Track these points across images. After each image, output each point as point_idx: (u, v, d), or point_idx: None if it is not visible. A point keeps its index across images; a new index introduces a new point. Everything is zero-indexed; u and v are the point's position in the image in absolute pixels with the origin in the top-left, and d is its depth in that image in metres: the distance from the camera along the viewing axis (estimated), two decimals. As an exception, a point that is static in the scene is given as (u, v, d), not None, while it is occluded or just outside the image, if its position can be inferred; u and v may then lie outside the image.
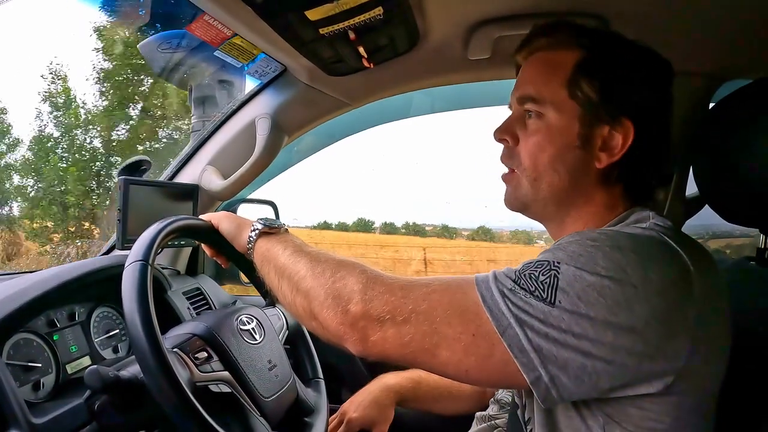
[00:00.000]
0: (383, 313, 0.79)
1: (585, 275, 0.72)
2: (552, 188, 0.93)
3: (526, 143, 0.95)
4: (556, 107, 0.92)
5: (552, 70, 0.93)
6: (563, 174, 0.92)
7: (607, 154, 0.90)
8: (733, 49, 1.28)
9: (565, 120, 0.91)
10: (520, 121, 0.96)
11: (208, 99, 1.95)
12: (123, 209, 1.40)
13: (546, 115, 0.92)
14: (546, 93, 0.93)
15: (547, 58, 0.96)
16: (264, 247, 1.03)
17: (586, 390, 0.73)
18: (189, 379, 0.98)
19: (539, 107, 0.93)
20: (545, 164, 0.92)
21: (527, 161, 0.94)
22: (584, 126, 0.90)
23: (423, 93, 1.71)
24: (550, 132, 0.92)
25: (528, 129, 0.95)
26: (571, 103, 0.91)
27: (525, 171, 0.95)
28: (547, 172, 0.93)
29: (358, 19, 1.09)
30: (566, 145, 0.91)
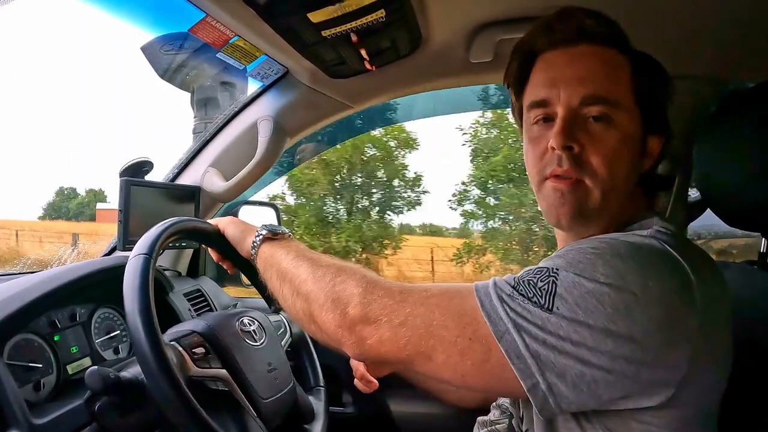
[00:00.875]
0: (380, 315, 0.80)
1: (584, 282, 0.71)
2: (620, 198, 0.87)
3: (599, 150, 0.85)
4: (627, 111, 0.86)
5: (618, 71, 0.87)
6: (632, 182, 0.89)
7: (650, 159, 0.90)
8: (734, 53, 1.29)
9: (635, 126, 0.86)
10: (579, 122, 0.85)
11: (210, 101, 1.95)
12: (124, 210, 1.40)
13: (616, 119, 0.85)
14: (617, 95, 0.85)
15: (603, 54, 0.87)
16: (267, 253, 1.04)
17: (585, 400, 0.72)
18: (182, 368, 0.98)
19: (611, 110, 0.84)
20: (623, 174, 0.86)
21: (604, 170, 0.84)
22: (643, 133, 0.88)
23: (425, 95, 1.71)
24: (624, 138, 0.85)
25: (594, 133, 0.85)
26: (635, 109, 0.87)
27: (602, 182, 0.84)
28: (622, 183, 0.86)
29: (361, 22, 1.10)
30: (636, 153, 0.88)
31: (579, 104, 0.85)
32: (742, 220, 1.09)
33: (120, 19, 1.47)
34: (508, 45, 1.24)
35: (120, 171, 1.45)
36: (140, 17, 1.49)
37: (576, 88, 0.85)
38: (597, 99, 0.84)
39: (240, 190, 1.66)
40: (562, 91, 0.86)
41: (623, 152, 0.85)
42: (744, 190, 1.02)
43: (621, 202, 0.88)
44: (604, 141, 0.84)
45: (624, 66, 0.87)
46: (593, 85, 0.85)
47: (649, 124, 0.88)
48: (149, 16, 1.50)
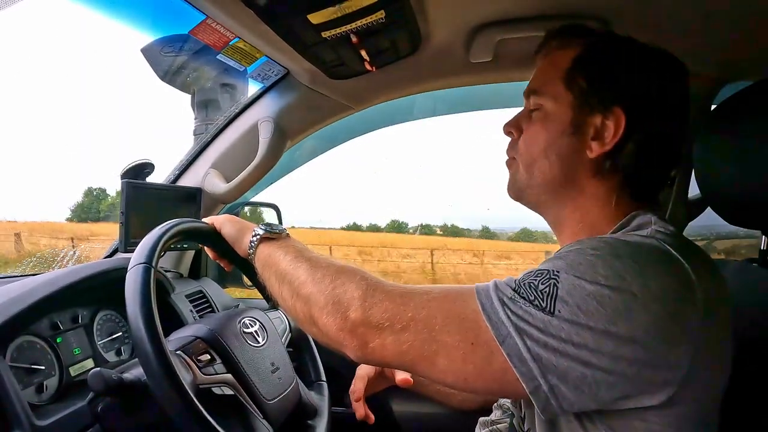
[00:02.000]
0: (382, 320, 0.79)
1: (584, 284, 0.71)
2: (544, 175, 0.95)
3: (525, 133, 0.98)
4: (553, 98, 0.94)
5: (553, 66, 0.96)
6: (554, 161, 0.93)
7: (598, 143, 0.90)
8: (734, 52, 1.29)
9: (560, 108, 0.94)
10: (527, 116, 0.99)
11: (210, 102, 1.96)
12: (125, 212, 1.41)
13: (545, 106, 0.95)
14: (546, 86, 0.96)
15: (552, 57, 0.98)
16: (265, 253, 1.03)
17: (586, 400, 0.72)
18: (192, 381, 0.98)
19: (540, 99, 0.96)
20: (539, 151, 0.95)
21: (523, 148, 0.98)
22: (576, 114, 0.92)
23: (425, 96, 1.71)
24: (545, 120, 0.95)
25: (530, 121, 0.98)
26: (567, 94, 0.93)
27: (521, 158, 0.98)
28: (539, 159, 0.95)
29: (361, 23, 1.10)
30: (559, 132, 0.93)
31: (526, 100, 1.01)
32: (743, 218, 1.09)
33: (120, 23, 1.47)
34: (508, 45, 1.25)
35: (121, 173, 1.45)
36: (140, 20, 1.50)
37: (527, 88, 1.01)
38: (530, 91, 0.99)
39: (241, 191, 1.66)
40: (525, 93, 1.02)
41: (540, 131, 0.96)
42: (744, 188, 1.02)
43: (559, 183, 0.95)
44: (531, 125, 0.98)
45: (563, 59, 0.95)
46: (533, 82, 1.00)
47: (585, 105, 0.91)
48: (149, 19, 1.50)
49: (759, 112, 1.02)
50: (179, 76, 1.67)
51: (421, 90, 1.65)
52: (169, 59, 1.56)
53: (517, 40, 1.21)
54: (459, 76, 1.56)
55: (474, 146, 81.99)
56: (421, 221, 22.66)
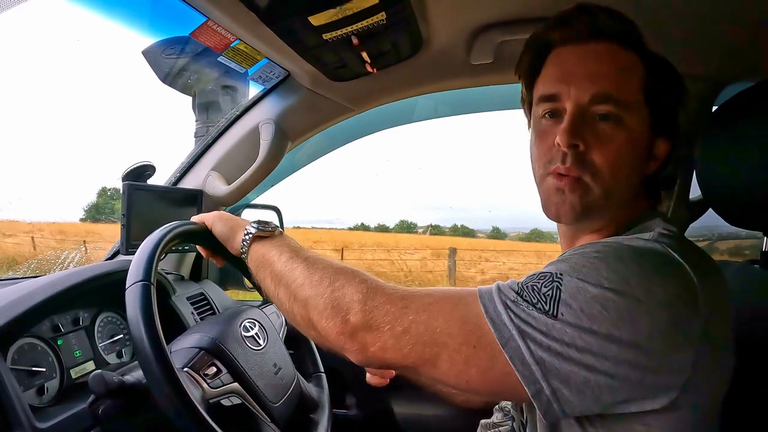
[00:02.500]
0: (383, 323, 0.79)
1: (588, 287, 0.71)
2: (620, 201, 0.88)
3: (604, 150, 0.85)
4: (637, 113, 0.86)
5: (631, 72, 0.87)
6: (634, 182, 0.89)
7: (655, 162, 0.90)
8: (735, 53, 1.29)
9: (642, 128, 0.87)
10: (587, 121, 0.86)
11: (211, 104, 1.95)
12: (127, 214, 1.41)
13: (625, 120, 0.85)
14: (628, 95, 0.85)
15: (617, 54, 0.87)
16: (259, 252, 1.01)
17: (589, 404, 0.72)
18: (202, 397, 0.99)
19: (621, 111, 0.84)
20: (625, 174, 0.86)
21: (606, 170, 0.85)
22: (650, 135, 0.88)
23: (426, 98, 1.71)
24: (630, 140, 0.85)
25: (601, 133, 0.85)
26: (645, 110, 0.87)
27: (602, 180, 0.85)
28: (623, 182, 0.87)
29: (362, 25, 1.10)
30: (641, 155, 0.88)
31: (588, 102, 0.85)
32: (744, 220, 1.09)
33: (121, 25, 1.48)
34: (509, 46, 1.25)
35: (122, 175, 1.45)
36: (141, 22, 1.50)
37: (587, 85, 0.85)
38: (606, 98, 0.84)
39: (242, 193, 1.66)
40: (572, 87, 0.86)
41: (628, 153, 0.85)
42: (746, 189, 1.02)
43: (623, 203, 0.89)
44: (610, 141, 0.84)
45: (637, 66, 0.87)
46: (604, 83, 0.85)
47: (658, 127, 0.88)
48: (150, 21, 1.50)
49: (760, 113, 1.01)
50: (180, 78, 1.67)
51: (422, 92, 1.65)
52: (170, 61, 1.56)
53: (518, 42, 1.20)
54: (460, 78, 1.56)
55: (480, 147, 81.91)
56: (430, 222, 22.92)
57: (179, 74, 1.64)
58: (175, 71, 1.61)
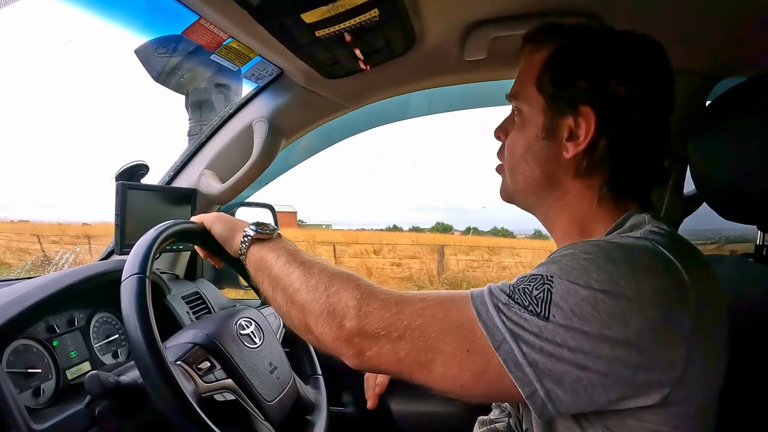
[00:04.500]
0: (378, 329, 0.79)
1: (578, 289, 0.71)
2: (526, 179, 0.97)
3: (509, 138, 1.01)
4: (528, 102, 0.96)
5: (528, 69, 0.97)
6: (533, 165, 0.95)
7: (573, 144, 0.90)
8: (727, 47, 1.29)
9: (534, 112, 0.95)
10: (512, 119, 1.01)
11: (204, 103, 1.95)
12: (121, 214, 1.41)
13: (522, 110, 0.97)
14: (522, 90, 0.97)
15: (528, 60, 0.99)
16: (257, 255, 1.02)
17: (583, 403, 0.72)
18: (194, 391, 0.99)
19: (518, 103, 0.98)
20: (518, 156, 0.97)
21: (507, 153, 1.01)
22: (548, 117, 0.93)
23: (420, 94, 1.71)
24: (522, 125, 0.97)
25: (513, 126, 1.00)
26: (538, 97, 0.94)
27: (506, 163, 1.01)
28: (520, 164, 0.97)
29: (354, 22, 1.09)
30: (534, 136, 0.95)
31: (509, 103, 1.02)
32: (738, 214, 1.09)
33: (113, 24, 1.47)
34: (502, 42, 1.25)
35: (116, 174, 1.45)
36: (134, 21, 1.49)
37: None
38: (510, 95, 1.01)
39: (236, 191, 1.66)
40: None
41: (518, 137, 0.98)
42: (739, 183, 1.03)
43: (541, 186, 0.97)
44: (513, 130, 1.00)
45: (536, 62, 0.96)
46: (513, 86, 1.01)
47: (555, 107, 0.92)
48: (142, 20, 1.50)
49: (753, 107, 1.02)
50: (173, 76, 1.67)
51: (416, 88, 1.65)
52: (163, 60, 1.55)
53: (512, 38, 1.21)
54: (453, 74, 1.56)
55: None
56: (470, 225, 23.58)
57: (172, 73, 1.64)
58: (167, 70, 1.61)
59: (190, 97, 1.98)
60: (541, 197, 0.98)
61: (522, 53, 1.01)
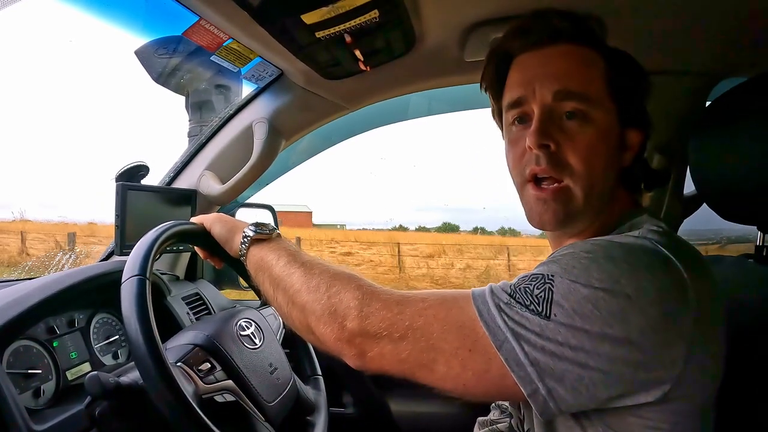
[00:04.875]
0: (380, 329, 0.79)
1: (579, 288, 0.72)
2: (602, 195, 0.89)
3: (576, 147, 0.86)
4: (603, 106, 0.87)
5: (591, 67, 0.88)
6: (611, 178, 0.90)
7: (630, 153, 0.91)
8: (728, 48, 1.29)
9: (610, 121, 0.88)
10: (555, 120, 0.87)
11: (205, 104, 1.95)
12: (121, 215, 1.41)
13: (592, 115, 0.86)
14: (592, 90, 0.87)
15: (577, 52, 0.89)
16: (257, 256, 1.02)
17: (584, 401, 0.72)
18: (194, 392, 0.99)
19: (587, 106, 0.86)
20: (601, 170, 0.87)
21: (581, 168, 0.86)
22: (621, 127, 0.89)
23: (420, 95, 1.71)
24: (600, 134, 0.86)
25: (569, 131, 0.86)
26: (611, 103, 0.88)
27: (580, 180, 0.86)
28: (601, 178, 0.87)
29: (354, 23, 1.10)
30: (613, 148, 0.89)
31: (552, 100, 0.87)
32: (738, 214, 1.09)
33: (114, 25, 1.47)
34: (502, 43, 1.24)
35: (116, 175, 1.45)
36: (134, 22, 1.49)
37: (549, 84, 0.87)
38: (570, 94, 0.86)
39: (236, 192, 1.66)
40: (536, 89, 0.88)
41: (600, 148, 0.87)
42: (739, 183, 1.03)
43: (604, 199, 0.90)
44: (580, 138, 0.86)
45: (597, 62, 0.89)
46: (565, 81, 0.86)
47: (626, 118, 0.90)
48: (142, 21, 1.50)
49: (754, 108, 1.02)
50: (173, 77, 1.67)
51: (416, 89, 1.65)
52: (163, 61, 1.56)
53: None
54: (453, 75, 1.56)
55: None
56: (477, 224, 24.25)
57: (172, 74, 1.64)
58: (168, 71, 1.61)
59: (190, 98, 1.98)
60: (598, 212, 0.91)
61: (555, 33, 0.90)
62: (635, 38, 0.92)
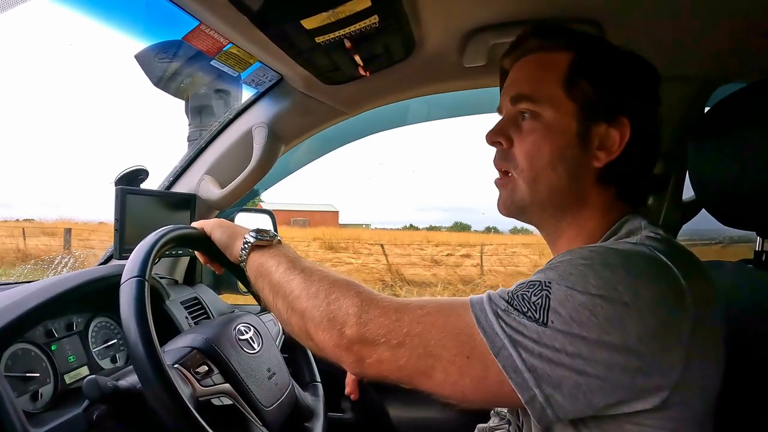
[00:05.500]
0: (378, 336, 0.79)
1: (576, 294, 0.72)
2: (551, 189, 0.92)
3: (522, 144, 0.94)
4: (554, 106, 0.91)
5: (547, 70, 0.93)
6: (562, 173, 0.91)
7: (605, 153, 0.90)
8: (727, 53, 1.29)
9: (563, 118, 0.91)
10: (514, 122, 0.95)
11: (204, 108, 1.95)
12: (120, 219, 1.41)
13: (542, 114, 0.91)
14: (543, 92, 0.92)
15: (540, 59, 0.95)
16: (257, 262, 1.02)
17: (582, 408, 0.72)
18: (191, 394, 0.98)
19: (535, 106, 0.92)
20: (544, 164, 0.91)
21: (524, 162, 0.93)
22: (582, 124, 0.90)
23: (419, 100, 1.72)
24: (548, 131, 0.91)
25: (523, 130, 0.94)
26: (568, 102, 0.91)
27: (522, 172, 0.93)
28: (545, 172, 0.92)
29: (354, 28, 1.10)
30: (565, 144, 0.91)
31: (511, 105, 0.96)
32: (737, 219, 1.09)
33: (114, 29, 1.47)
34: (501, 49, 1.24)
35: (115, 179, 1.45)
36: (134, 26, 1.49)
37: (509, 90, 0.97)
38: (520, 97, 0.94)
39: (236, 197, 1.66)
40: (503, 96, 0.99)
41: (543, 143, 0.92)
42: (738, 189, 1.03)
43: (565, 195, 0.93)
44: (527, 134, 0.93)
45: (557, 64, 0.93)
46: (520, 86, 0.95)
47: (591, 115, 0.90)
48: (143, 25, 1.50)
49: (753, 113, 1.02)
50: (173, 82, 1.67)
51: (415, 95, 1.65)
52: (163, 65, 1.56)
53: (511, 44, 1.21)
54: (453, 81, 1.56)
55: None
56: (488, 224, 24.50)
57: (172, 78, 1.64)
58: (167, 75, 1.61)
59: (190, 103, 1.98)
60: (559, 208, 0.94)
61: (525, 50, 0.98)
62: (634, 44, 0.92)
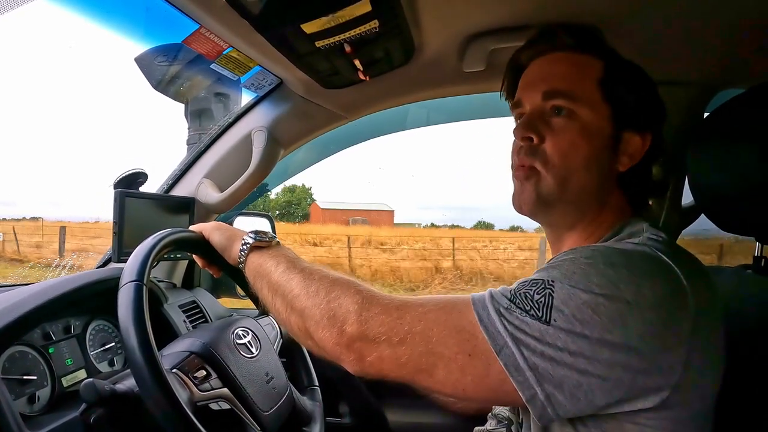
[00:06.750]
0: (379, 334, 0.79)
1: (579, 293, 0.72)
2: (581, 189, 0.92)
3: (555, 140, 0.92)
4: (591, 106, 0.91)
5: (584, 70, 0.93)
6: (594, 175, 0.92)
7: (628, 158, 0.92)
8: (726, 59, 1.29)
9: (600, 120, 0.91)
10: (542, 117, 0.94)
11: (204, 112, 1.95)
12: (119, 222, 1.40)
13: (578, 113, 0.91)
14: (581, 91, 0.92)
15: (574, 58, 0.95)
16: (256, 263, 1.02)
17: (582, 407, 0.73)
18: (189, 399, 0.98)
19: (573, 104, 0.91)
20: (578, 164, 0.91)
21: (558, 159, 0.91)
22: (615, 128, 0.92)
23: (419, 105, 1.72)
24: (584, 130, 0.91)
25: (555, 126, 0.92)
26: (604, 105, 0.91)
27: (553, 169, 0.91)
28: (578, 172, 0.91)
29: (354, 32, 1.10)
30: (600, 146, 0.91)
31: (542, 100, 0.94)
32: (736, 225, 1.09)
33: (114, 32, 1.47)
34: (501, 54, 1.25)
35: (114, 182, 1.45)
36: (134, 29, 1.49)
37: (540, 85, 0.95)
38: (556, 92, 0.92)
39: (234, 201, 1.66)
40: (530, 90, 0.97)
41: (582, 143, 0.91)
42: (737, 194, 1.03)
43: (592, 197, 0.93)
44: (562, 131, 0.92)
45: (593, 66, 0.94)
46: (555, 81, 0.94)
47: (623, 120, 0.92)
48: (143, 28, 1.50)
49: (752, 119, 1.02)
50: (173, 85, 1.67)
51: (415, 99, 1.66)
52: (163, 68, 1.56)
53: (511, 50, 1.20)
54: (452, 86, 1.57)
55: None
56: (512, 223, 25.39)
57: (172, 81, 1.64)
58: (167, 78, 1.61)
59: (189, 106, 1.98)
60: (582, 208, 0.94)
61: (558, 45, 0.98)
62: (633, 49, 0.92)
